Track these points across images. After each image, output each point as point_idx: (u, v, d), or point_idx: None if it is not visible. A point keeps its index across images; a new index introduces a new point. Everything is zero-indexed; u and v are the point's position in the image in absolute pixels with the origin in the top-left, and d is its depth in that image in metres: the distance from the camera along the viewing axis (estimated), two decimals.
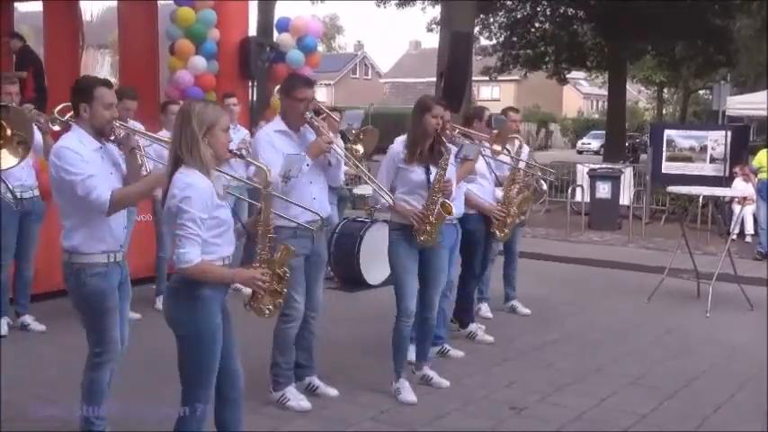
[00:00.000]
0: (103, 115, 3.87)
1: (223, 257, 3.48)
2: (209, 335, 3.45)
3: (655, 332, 7.03)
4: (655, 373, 5.84)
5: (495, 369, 5.83)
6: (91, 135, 3.90)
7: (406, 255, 5.05)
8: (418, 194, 5.04)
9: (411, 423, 4.71)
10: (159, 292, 7.36)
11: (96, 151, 3.90)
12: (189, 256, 3.31)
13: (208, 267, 3.38)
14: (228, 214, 3.49)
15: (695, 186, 9.60)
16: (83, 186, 3.75)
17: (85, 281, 3.86)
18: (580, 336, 6.85)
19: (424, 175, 5.03)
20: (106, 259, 3.89)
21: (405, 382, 5.11)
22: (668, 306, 8.04)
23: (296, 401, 4.87)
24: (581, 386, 5.51)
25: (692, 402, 5.24)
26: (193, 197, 3.30)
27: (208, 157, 3.39)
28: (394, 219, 5.14)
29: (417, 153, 5.02)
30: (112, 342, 3.98)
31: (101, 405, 4.03)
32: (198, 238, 3.31)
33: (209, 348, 3.46)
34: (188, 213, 3.30)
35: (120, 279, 4.02)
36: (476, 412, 4.94)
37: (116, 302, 3.96)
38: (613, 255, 11.37)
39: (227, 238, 3.50)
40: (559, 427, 4.74)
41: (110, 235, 3.90)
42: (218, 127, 3.43)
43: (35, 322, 6.43)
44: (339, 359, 5.88)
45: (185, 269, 3.34)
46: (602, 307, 8.03)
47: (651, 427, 4.79)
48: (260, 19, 18.21)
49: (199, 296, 3.40)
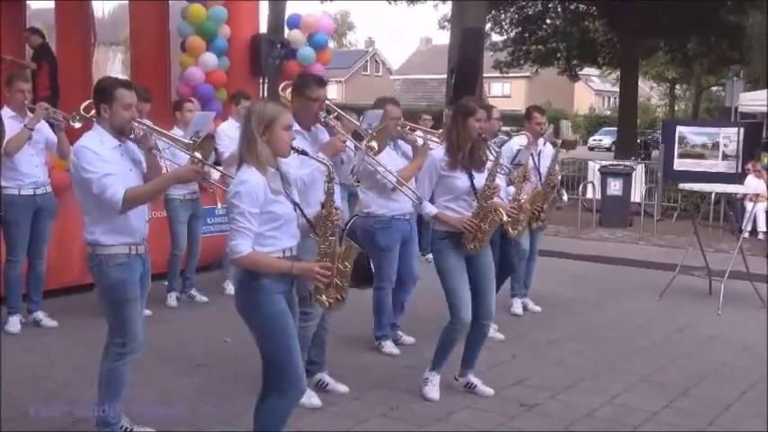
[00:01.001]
0: (123, 115, 4.00)
1: (283, 249, 3.59)
2: (274, 319, 3.54)
3: (666, 330, 7.01)
4: (666, 371, 5.82)
5: (505, 366, 5.82)
6: (111, 134, 4.03)
7: (455, 263, 4.94)
8: (463, 200, 4.97)
9: (421, 420, 4.72)
10: (171, 289, 7.40)
11: (116, 149, 4.03)
12: (239, 247, 3.45)
13: (259, 258, 3.50)
14: (287, 209, 3.57)
15: (707, 183, 9.56)
16: (98, 184, 3.88)
17: (107, 271, 3.99)
18: (591, 333, 6.83)
19: (468, 181, 4.94)
20: (128, 251, 4.04)
21: (436, 377, 5.08)
22: (680, 303, 8.02)
23: (306, 398, 4.85)
24: (591, 383, 5.50)
25: (702, 400, 5.22)
26: (243, 192, 3.44)
27: (264, 155, 3.51)
28: (439, 227, 5.01)
29: (460, 158, 4.93)
30: (135, 333, 4.09)
31: (119, 398, 4.11)
32: (248, 232, 3.45)
33: (281, 333, 3.54)
34: (238, 208, 3.45)
35: (142, 272, 4.14)
36: (486, 409, 4.94)
37: (137, 293, 4.07)
38: (624, 252, 11.35)
39: (286, 232, 3.59)
40: (569, 424, 4.73)
41: (130, 228, 4.04)
42: (277, 124, 3.54)
43: (47, 318, 6.46)
44: (350, 356, 5.89)
45: (236, 260, 3.50)
46: (614, 304, 8.01)
47: (662, 426, 4.77)
48: (271, 16, 18.21)
49: (258, 285, 3.52)
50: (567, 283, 8.84)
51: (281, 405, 3.63)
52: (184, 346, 6.01)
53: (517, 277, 7.36)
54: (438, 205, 4.99)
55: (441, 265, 4.99)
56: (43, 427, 4.39)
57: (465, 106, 4.99)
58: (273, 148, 3.56)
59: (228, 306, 7.32)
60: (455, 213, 4.96)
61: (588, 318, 7.40)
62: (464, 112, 4.92)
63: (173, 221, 7.23)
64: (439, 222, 4.99)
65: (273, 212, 3.52)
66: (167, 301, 7.33)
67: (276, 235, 3.55)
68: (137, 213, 4.05)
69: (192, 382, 5.23)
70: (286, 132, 3.58)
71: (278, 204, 3.53)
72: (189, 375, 5.38)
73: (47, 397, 4.83)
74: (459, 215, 4.95)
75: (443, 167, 4.94)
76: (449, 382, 5.22)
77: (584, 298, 8.24)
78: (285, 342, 3.55)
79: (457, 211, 4.96)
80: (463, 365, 5.25)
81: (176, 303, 7.35)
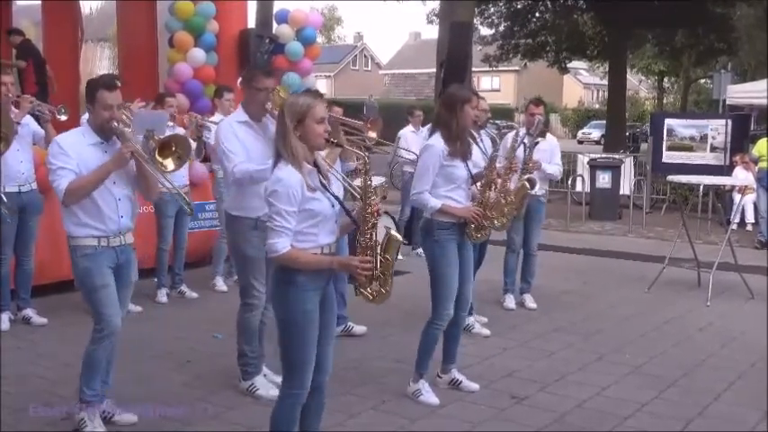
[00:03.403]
0: (102, 115, 4.20)
1: (321, 246, 3.56)
2: (299, 321, 3.52)
3: (655, 321, 7.05)
4: (655, 362, 5.85)
5: (495, 359, 5.84)
6: (94, 131, 4.25)
7: (453, 255, 4.88)
8: (462, 189, 4.94)
9: (412, 413, 4.73)
10: (161, 285, 7.38)
11: (95, 145, 4.24)
12: (276, 246, 3.45)
13: (297, 255, 3.48)
14: (324, 206, 3.53)
15: (695, 175, 9.60)
16: (52, 177, 4.15)
17: (76, 261, 4.23)
18: (581, 325, 6.86)
19: (466, 170, 4.90)
20: (96, 242, 4.21)
21: (426, 383, 4.96)
22: (669, 295, 8.06)
23: (265, 390, 4.91)
24: (582, 375, 5.52)
25: (692, 391, 5.25)
26: (280, 191, 3.43)
27: (299, 151, 3.48)
28: (442, 218, 4.91)
29: (458, 147, 4.85)
30: (107, 318, 4.21)
31: (94, 380, 4.27)
32: (285, 230, 3.44)
33: (300, 334, 3.53)
34: (274, 207, 3.45)
35: (118, 263, 4.27)
36: (476, 401, 4.96)
37: (106, 281, 4.20)
38: (614, 244, 11.39)
39: (325, 228, 3.56)
40: (560, 416, 4.75)
41: (99, 220, 4.20)
42: (309, 118, 3.50)
43: (37, 316, 6.43)
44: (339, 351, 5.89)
45: (275, 258, 3.49)
46: (603, 297, 8.04)
47: (651, 416, 4.80)
48: (259, 11, 18.12)
49: (292, 282, 3.50)
50: (557, 276, 8.87)
51: (289, 404, 3.60)
52: (174, 342, 6.00)
53: (509, 272, 7.36)
54: (438, 196, 4.89)
55: (438, 256, 4.89)
56: (34, 425, 4.38)
57: (460, 94, 4.90)
58: (307, 142, 3.51)
59: (219, 302, 7.37)
60: (456, 203, 4.91)
61: (578, 310, 7.43)
62: (461, 100, 4.83)
63: (160, 216, 7.21)
64: (443, 214, 4.91)
65: (311, 210, 3.48)
66: (157, 297, 7.32)
67: (314, 231, 3.52)
68: (108, 205, 4.20)
69: (182, 378, 5.23)
70: (319, 125, 3.52)
71: (315, 201, 3.49)
72: (178, 371, 5.37)
73: (36, 395, 4.80)
74: (462, 205, 4.92)
75: (446, 158, 4.85)
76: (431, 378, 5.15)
77: (573, 290, 8.27)
78: (302, 342, 3.53)
79: (457, 200, 4.92)
80: (445, 361, 5.20)
81: (166, 299, 7.34)
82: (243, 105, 4.99)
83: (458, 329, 5.16)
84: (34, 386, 4.99)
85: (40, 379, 5.13)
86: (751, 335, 6.60)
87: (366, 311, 6.88)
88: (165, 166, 4.31)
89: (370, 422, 4.60)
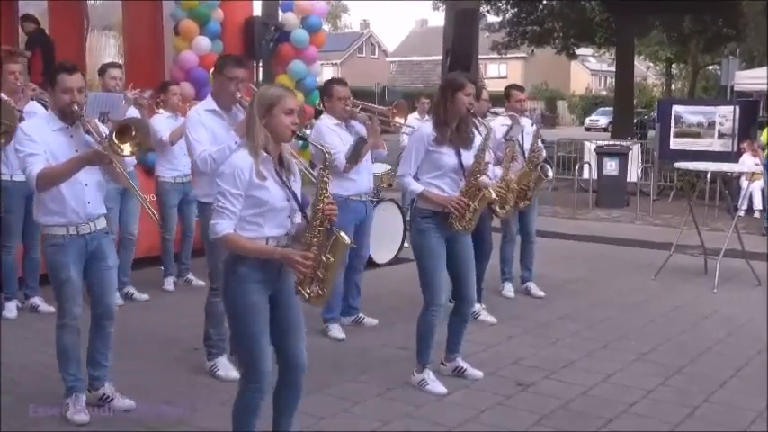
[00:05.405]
0: (62, 99, 4.20)
1: (266, 237, 3.51)
2: (242, 312, 3.49)
3: (662, 308, 7.04)
4: (661, 350, 5.85)
5: (501, 347, 5.84)
6: (57, 117, 4.25)
7: (437, 244, 4.80)
8: (449, 178, 4.83)
9: (418, 400, 4.74)
10: (168, 274, 7.41)
11: (60, 131, 4.24)
12: (216, 227, 3.45)
13: (237, 239, 3.45)
14: (274, 197, 3.47)
15: (703, 162, 9.56)
16: (22, 163, 4.14)
17: (45, 250, 4.31)
18: (587, 312, 6.85)
19: (455, 158, 4.80)
20: (64, 231, 4.22)
21: (430, 372, 4.93)
22: (675, 282, 8.04)
23: (224, 371, 4.99)
24: (587, 362, 5.52)
25: (697, 378, 5.25)
26: (227, 172, 3.45)
27: (260, 137, 3.47)
28: (423, 206, 4.85)
29: (448, 134, 4.78)
30: (66, 308, 4.29)
31: (69, 366, 4.33)
32: (227, 212, 3.43)
33: (245, 326, 3.50)
34: (219, 187, 3.46)
35: (89, 250, 4.28)
36: (482, 388, 4.97)
37: (71, 275, 4.22)
38: (621, 232, 11.37)
39: (271, 220, 3.50)
40: (565, 402, 4.75)
41: (66, 208, 4.18)
42: (277, 108, 3.48)
43: (44, 304, 6.45)
44: (346, 338, 5.92)
45: (216, 240, 3.49)
46: (610, 284, 8.03)
47: (657, 403, 4.80)
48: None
49: (235, 272, 3.48)
50: (564, 264, 8.86)
51: (248, 397, 3.55)
52: (181, 329, 6.02)
53: (507, 260, 7.33)
54: (423, 182, 4.83)
55: (420, 245, 4.85)
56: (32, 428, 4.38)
57: (453, 80, 4.84)
58: (273, 132, 3.49)
59: None
60: (441, 192, 4.82)
61: (584, 297, 7.42)
62: (453, 87, 4.76)
63: (163, 205, 7.21)
64: (424, 200, 4.85)
65: (257, 198, 3.44)
66: (164, 285, 7.35)
67: (260, 222, 3.48)
68: (74, 193, 4.19)
69: (189, 365, 5.25)
70: (287, 117, 3.50)
71: (263, 190, 3.44)
72: (185, 358, 5.39)
73: (43, 382, 4.83)
74: (446, 194, 4.83)
75: (431, 143, 4.78)
76: (435, 366, 5.14)
77: (579, 278, 8.26)
78: (248, 334, 3.48)
79: (442, 189, 4.82)
80: (449, 350, 5.18)
81: (173, 288, 7.37)
82: (212, 94, 5.02)
83: (461, 322, 5.11)
84: (40, 374, 5.01)
85: (45, 367, 5.15)
86: (757, 322, 6.58)
87: (375, 299, 6.92)
88: (122, 150, 4.15)
89: (374, 409, 4.61)
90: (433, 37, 42.26)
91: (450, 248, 4.88)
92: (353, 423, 4.41)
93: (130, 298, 6.90)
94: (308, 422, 4.28)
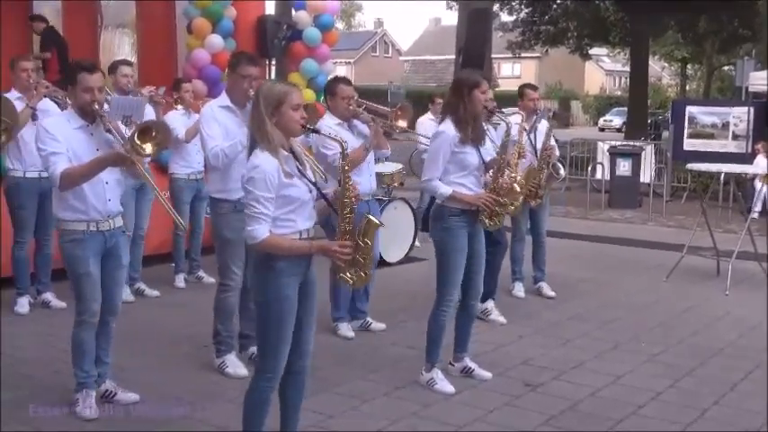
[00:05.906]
0: (83, 97, 4.22)
1: (300, 231, 3.57)
2: (277, 306, 3.53)
3: (673, 310, 7.00)
4: (672, 351, 5.82)
5: (510, 347, 5.83)
6: (78, 115, 4.28)
7: (464, 243, 4.83)
8: (473, 176, 4.87)
9: (426, 399, 4.73)
10: (179, 270, 7.43)
11: (81, 129, 4.26)
12: (254, 233, 3.46)
13: (276, 241, 3.49)
14: (301, 191, 3.54)
15: (716, 163, 9.50)
16: (45, 161, 4.18)
17: (63, 246, 4.29)
18: (598, 313, 6.83)
19: (478, 156, 4.85)
20: (84, 227, 4.24)
21: (438, 372, 4.94)
22: (687, 284, 8.00)
23: (233, 368, 5.01)
24: (597, 363, 5.50)
25: (708, 380, 5.22)
26: (257, 177, 3.43)
27: (274, 137, 3.49)
28: (451, 204, 4.85)
29: (469, 133, 4.78)
30: (86, 304, 4.30)
31: (83, 361, 4.34)
32: (263, 216, 3.45)
33: (277, 320, 3.54)
34: (252, 194, 3.45)
35: (107, 247, 4.31)
36: (490, 388, 4.96)
37: (90, 269, 4.25)
38: (633, 232, 11.32)
39: (302, 214, 3.57)
40: (574, 404, 4.74)
41: (87, 204, 4.21)
42: (285, 105, 3.51)
43: (56, 300, 6.50)
44: (356, 337, 5.92)
45: (254, 245, 3.50)
46: (621, 285, 8.00)
47: (667, 405, 4.78)
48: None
49: (271, 267, 3.51)
50: (575, 264, 8.83)
51: (262, 387, 3.60)
52: (191, 326, 6.04)
53: (517, 260, 7.30)
54: (449, 183, 4.84)
55: (447, 243, 4.85)
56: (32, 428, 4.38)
57: (468, 79, 4.84)
58: (284, 129, 3.52)
59: None
60: (468, 190, 4.85)
61: (595, 298, 7.40)
62: (469, 85, 4.77)
63: (176, 201, 7.22)
64: (454, 201, 4.86)
65: (288, 196, 3.49)
66: (175, 282, 7.38)
67: (292, 217, 3.54)
68: (95, 190, 4.21)
69: (199, 362, 5.26)
70: (295, 112, 3.53)
71: (292, 188, 3.51)
72: (195, 355, 5.40)
73: (54, 377, 4.87)
74: (472, 192, 4.87)
75: (456, 144, 4.79)
76: (444, 366, 5.12)
77: (591, 278, 8.23)
78: (279, 327, 3.53)
79: (469, 187, 4.86)
80: (457, 349, 5.18)
81: (184, 284, 7.40)
82: (227, 91, 5.07)
83: (469, 319, 5.12)
84: (51, 369, 5.04)
85: (57, 362, 5.18)
86: None
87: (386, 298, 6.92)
88: (144, 150, 4.18)
89: (382, 408, 4.61)
90: (447, 36, 42.21)
91: (468, 245, 4.92)
92: (361, 422, 4.41)
93: (141, 294, 6.93)
94: (316, 420, 4.29)
